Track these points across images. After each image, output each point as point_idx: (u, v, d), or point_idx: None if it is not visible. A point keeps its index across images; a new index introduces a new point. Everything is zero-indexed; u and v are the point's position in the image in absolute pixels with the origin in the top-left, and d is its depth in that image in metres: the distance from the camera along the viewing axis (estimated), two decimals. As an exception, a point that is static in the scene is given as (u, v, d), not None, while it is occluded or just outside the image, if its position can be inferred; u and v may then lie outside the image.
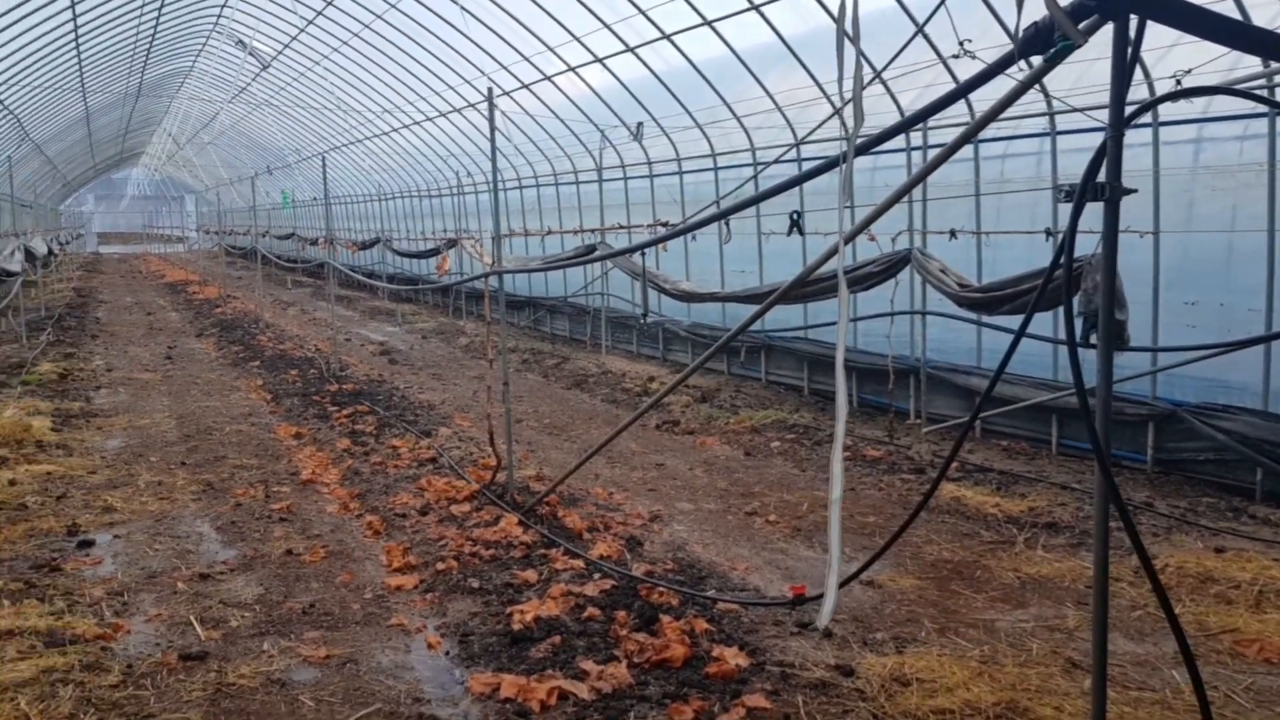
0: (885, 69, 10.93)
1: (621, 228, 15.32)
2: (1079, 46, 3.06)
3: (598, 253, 13.89)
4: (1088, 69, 8.66)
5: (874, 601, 6.37)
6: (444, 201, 24.39)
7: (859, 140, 3.67)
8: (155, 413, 12.57)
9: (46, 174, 32.66)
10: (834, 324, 12.59)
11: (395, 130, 22.36)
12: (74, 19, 16.18)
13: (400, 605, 6.34)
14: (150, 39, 19.74)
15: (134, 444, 10.90)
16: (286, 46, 19.62)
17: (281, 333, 20.21)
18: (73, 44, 17.63)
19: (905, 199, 11.75)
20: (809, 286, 10.83)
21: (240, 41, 19.04)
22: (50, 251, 27.12)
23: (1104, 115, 3.32)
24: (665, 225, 15.06)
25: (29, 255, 18.99)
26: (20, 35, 15.87)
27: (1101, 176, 3.25)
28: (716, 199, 14.40)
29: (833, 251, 4.73)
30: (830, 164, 4.38)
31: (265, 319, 21.88)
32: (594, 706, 4.90)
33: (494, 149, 7.92)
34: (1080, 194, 3.27)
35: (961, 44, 8.03)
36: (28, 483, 9.18)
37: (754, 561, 7.09)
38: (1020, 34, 3.21)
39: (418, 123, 20.98)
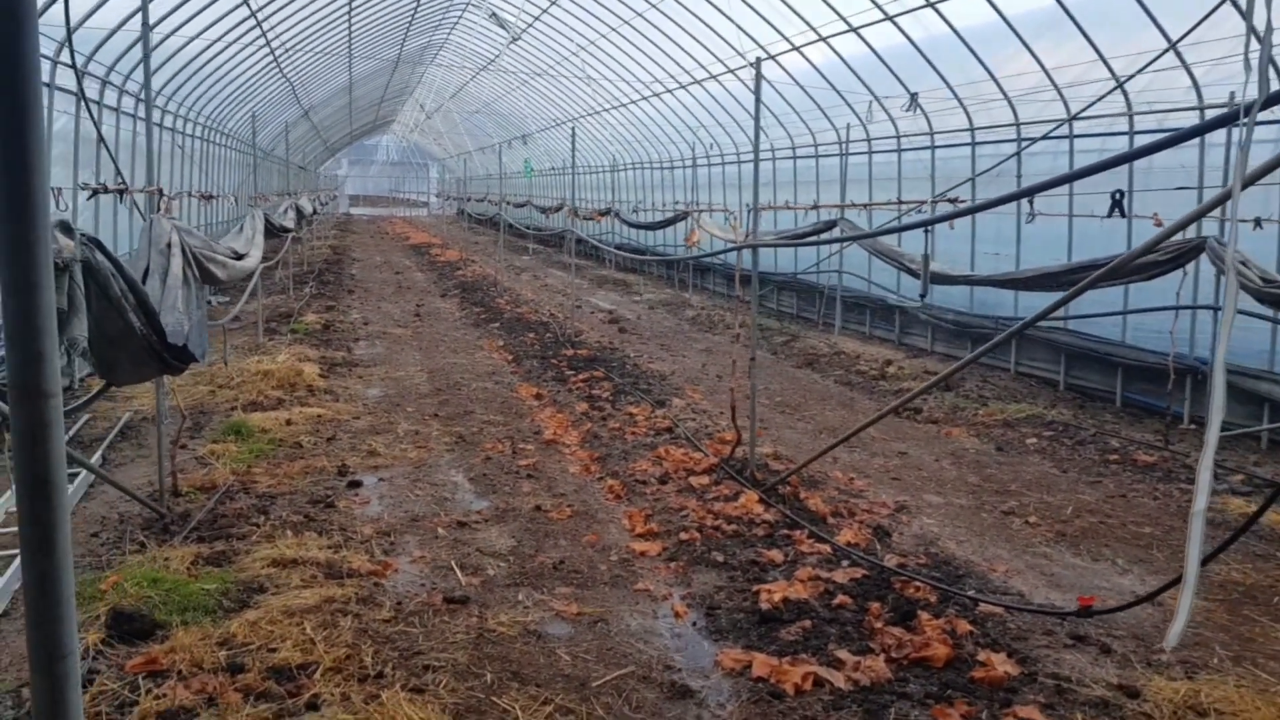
0: (1181, 40, 9.97)
1: (873, 205, 14.77)
2: None
3: (842, 229, 13.47)
4: None
5: (1155, 620, 5.80)
6: (675, 174, 24.53)
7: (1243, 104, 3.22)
8: (408, 366, 13.37)
9: (312, 138, 35.49)
10: (1100, 315, 11.63)
11: (634, 102, 22.65)
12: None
13: (645, 571, 6.37)
14: (414, 11, 20.93)
15: (391, 394, 11.62)
16: (536, 19, 20.25)
17: (518, 297, 21.04)
18: (346, 15, 18.94)
19: (1196, 184, 10.65)
20: (1080, 273, 10.06)
21: (494, 14, 19.81)
22: (314, 211, 29.50)
23: None
24: (899, 204, 14.41)
25: (298, 214, 20.68)
26: (303, 8, 17.20)
27: None
28: (972, 175, 13.62)
29: (1171, 231, 4.26)
30: (1190, 133, 3.89)
31: (502, 283, 22.87)
32: (851, 698, 4.71)
33: (758, 118, 7.75)
34: None
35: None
36: (301, 423, 9.96)
37: (1014, 564, 6.63)
38: None
39: (657, 94, 21.15)
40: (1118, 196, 8.27)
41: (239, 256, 9.68)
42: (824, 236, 13.63)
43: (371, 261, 30.87)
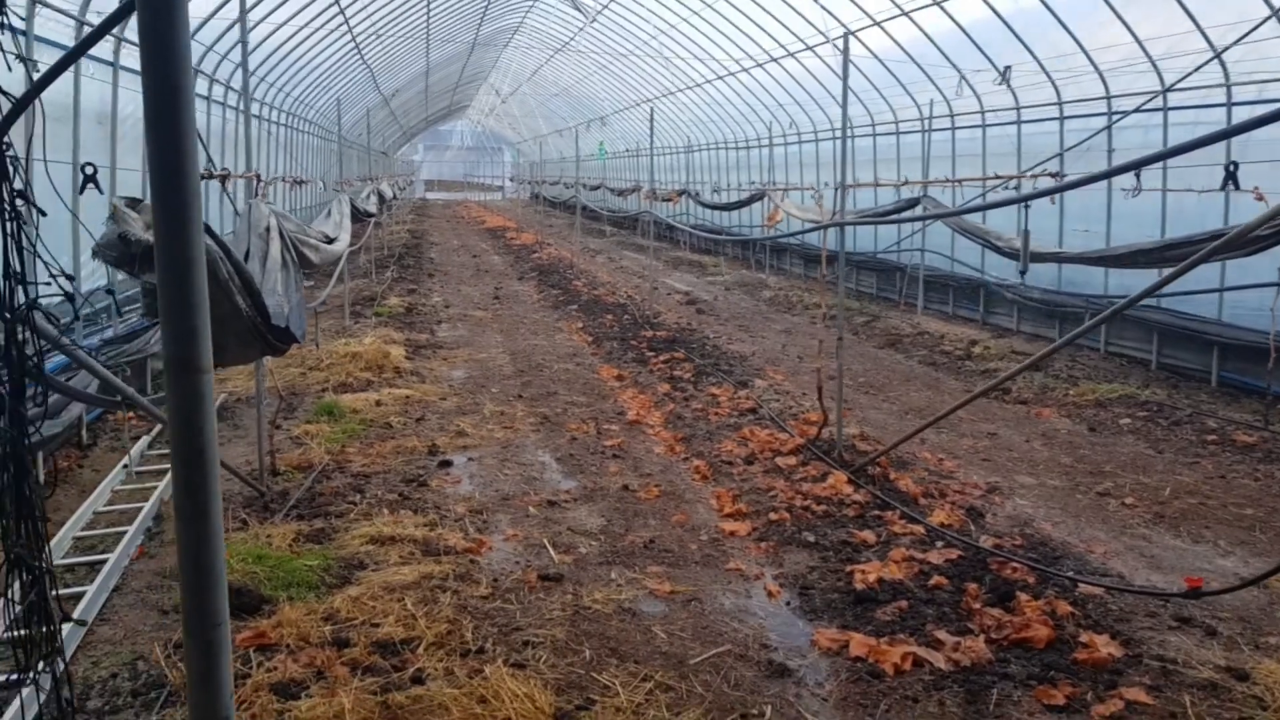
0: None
1: (962, 180, 14.47)
2: None
3: (925, 207, 13.23)
4: None
5: (1261, 603, 5.61)
6: (750, 154, 24.34)
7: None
8: (491, 348, 13.57)
9: (389, 124, 36.06)
10: (1199, 292, 11.21)
11: (710, 81, 22.51)
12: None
13: (736, 550, 6.39)
14: (490, -3, 21.12)
15: (475, 375, 11.82)
16: (612, 1, 20.25)
17: (594, 279, 21.16)
18: (425, 2, 19.16)
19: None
20: (1176, 250, 9.73)
21: (570, -2, 19.87)
22: (394, 195, 30.03)
23: None
24: (984, 180, 14.06)
25: (380, 198, 21.09)
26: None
27: None
28: (1060, 150, 13.25)
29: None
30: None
31: (578, 265, 23.00)
32: (952, 678, 4.67)
33: (845, 94, 7.65)
34: None
35: None
36: (390, 404, 10.19)
37: (1112, 546, 6.48)
38: None
39: (732, 74, 20.98)
40: (1231, 169, 7.97)
41: (330, 240, 9.94)
42: (912, 214, 13.38)
43: (449, 245, 31.32)
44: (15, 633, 2.50)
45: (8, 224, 2.26)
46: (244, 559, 6.03)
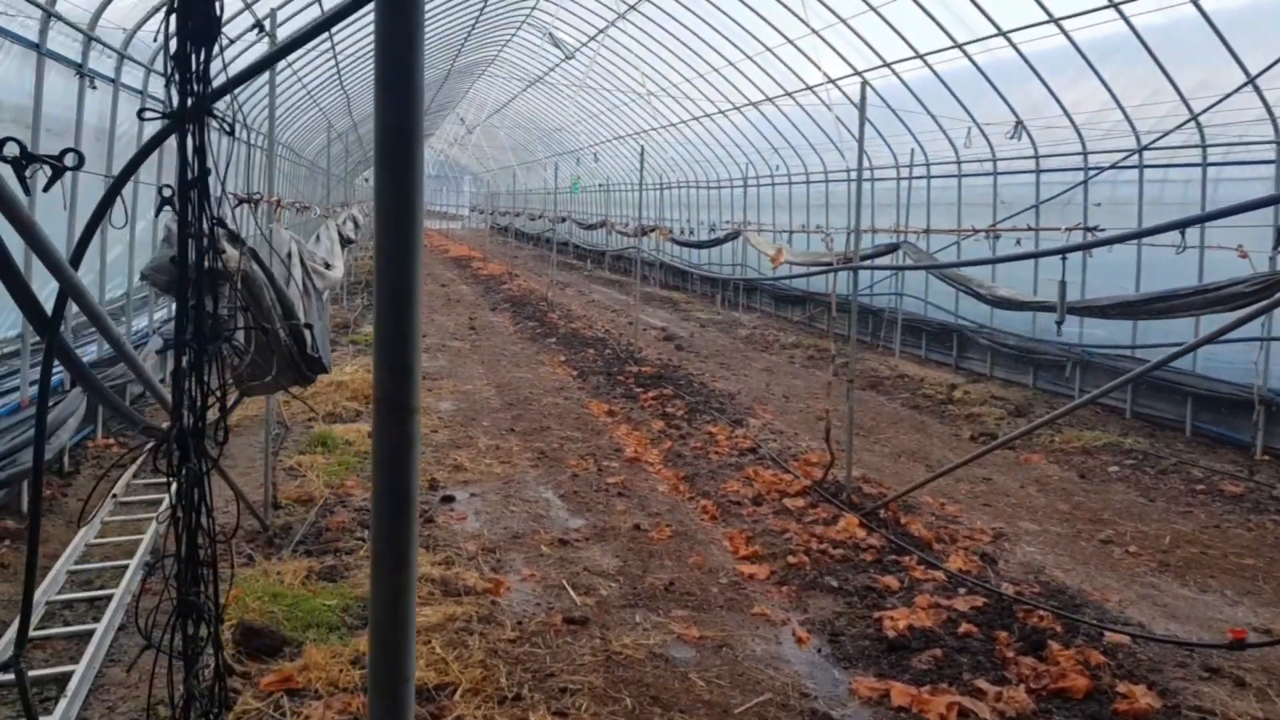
0: (1262, 74, 9.92)
1: (947, 231, 14.77)
2: None
3: (904, 252, 13.44)
4: None
5: (1279, 654, 5.73)
6: (722, 194, 24.59)
7: None
8: (475, 380, 13.43)
9: (355, 149, 35.78)
10: (1170, 345, 11.50)
11: (684, 122, 22.75)
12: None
13: (758, 594, 6.36)
14: (470, 29, 21.13)
15: (464, 408, 11.67)
16: (591, 40, 20.41)
17: (568, 312, 21.11)
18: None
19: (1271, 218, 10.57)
20: (1161, 303, 10.00)
21: (550, 34, 19.97)
22: (363, 221, 29.72)
23: None
24: (958, 230, 14.38)
25: (355, 224, 20.87)
26: (365, 22, 17.35)
27: None
28: (1037, 202, 13.59)
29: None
30: None
31: (550, 298, 22.94)
32: (998, 729, 4.68)
33: (861, 134, 7.79)
34: None
35: None
36: (381, 435, 10.00)
37: (1125, 594, 6.58)
38: None
39: (708, 115, 21.23)
40: None
41: (328, 267, 9.79)
42: (901, 261, 13.59)
43: (412, 274, 30.96)
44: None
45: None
46: (260, 597, 5.86)
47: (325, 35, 15.65)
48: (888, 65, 15.11)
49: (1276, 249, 8.62)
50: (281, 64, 15.72)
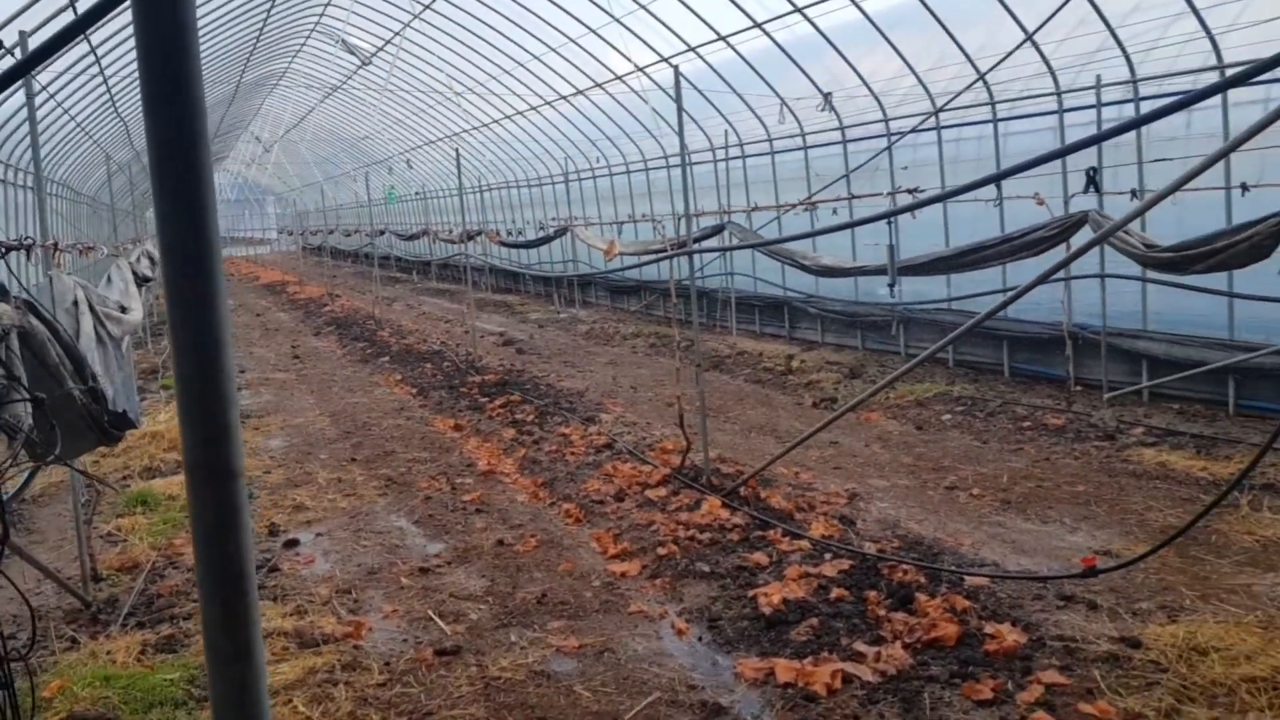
0: (1039, 30, 10.57)
1: (762, 208, 15.06)
2: None
3: (730, 232, 13.66)
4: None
5: (1122, 571, 6.09)
6: (544, 190, 24.37)
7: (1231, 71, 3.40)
8: (305, 411, 12.74)
9: (142, 180, 33.47)
10: (983, 294, 12.18)
11: (498, 121, 22.37)
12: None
13: (632, 592, 6.25)
14: (254, 42, 20.01)
15: (297, 442, 11.04)
16: (387, 43, 19.73)
17: (399, 327, 20.41)
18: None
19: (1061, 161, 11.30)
20: (972, 254, 10.53)
21: (343, 41, 19.18)
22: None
23: None
24: (778, 206, 14.76)
25: (151, 261, 19.44)
26: (131, 41, 16.13)
27: None
28: (846, 172, 14.07)
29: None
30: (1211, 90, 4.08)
31: (378, 315, 22.14)
32: (883, 689, 4.75)
33: (681, 123, 7.75)
34: None
35: None
36: (211, 483, 9.31)
37: (976, 536, 6.86)
38: None
39: (520, 112, 20.96)
40: (1091, 173, 8.72)
41: (124, 310, 9.00)
42: (727, 242, 13.78)
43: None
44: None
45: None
46: (89, 683, 5.29)
47: (94, 63, 14.44)
48: (693, 50, 15.28)
49: (1086, 192, 9.14)
50: (44, 96, 14.41)
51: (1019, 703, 4.56)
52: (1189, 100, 4.40)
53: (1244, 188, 9.06)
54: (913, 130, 13.15)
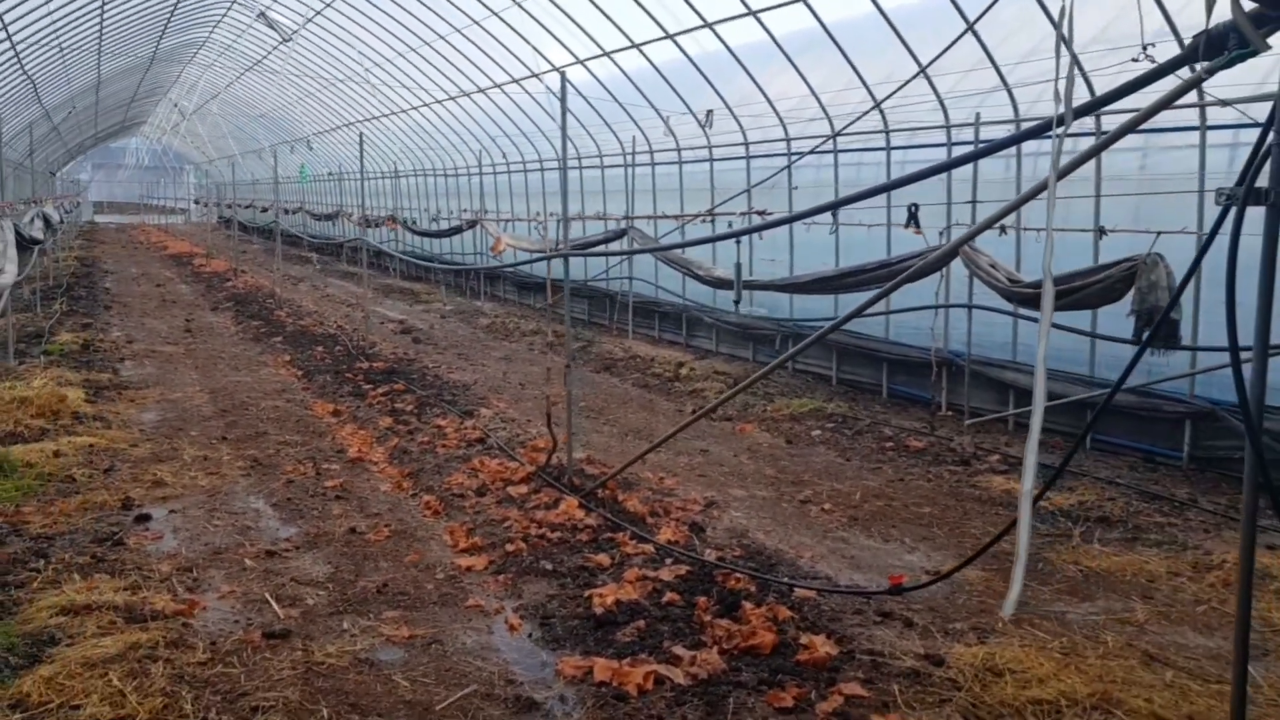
0: (930, 64, 10.99)
1: (664, 216, 15.27)
2: (1260, 53, 3.08)
3: (631, 237, 13.84)
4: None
5: (945, 591, 6.40)
6: (460, 181, 24.27)
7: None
8: (186, 386, 12.51)
9: (52, 140, 32.31)
10: (875, 315, 12.57)
11: (417, 108, 22.22)
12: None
13: (474, 586, 6.34)
14: (172, 8, 19.54)
15: (170, 418, 10.85)
16: (309, 21, 19.45)
17: (299, 308, 20.11)
18: (98, 10, 17.39)
19: (946, 194, 11.76)
20: (852, 277, 10.89)
21: (262, 14, 18.85)
22: (60, 220, 26.90)
23: (1258, 112, 3.34)
24: (681, 217, 15.02)
25: (45, 223, 18.82)
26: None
27: (1263, 181, 3.28)
28: (748, 187, 14.38)
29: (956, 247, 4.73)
30: (1008, 141, 4.37)
31: (280, 294, 21.76)
32: (691, 691, 4.92)
33: (564, 127, 7.88)
34: (1244, 199, 3.30)
35: (1145, 48, 7.56)
36: (72, 454, 9.13)
37: (818, 550, 7.12)
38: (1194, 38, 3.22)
39: (439, 101, 20.86)
40: (913, 210, 9.06)
41: (-9, 274, 8.77)
42: (628, 247, 13.95)
43: (127, 274, 28.48)
44: None
45: None
46: (-102, 648, 5.17)
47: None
48: (607, 54, 15.44)
49: (907, 227, 9.54)
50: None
51: (818, 712, 4.78)
52: (988, 150, 4.69)
53: (1102, 231, 9.55)
54: (811, 151, 13.53)
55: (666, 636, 5.50)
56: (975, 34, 10.19)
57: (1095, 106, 4.08)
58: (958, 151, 11.90)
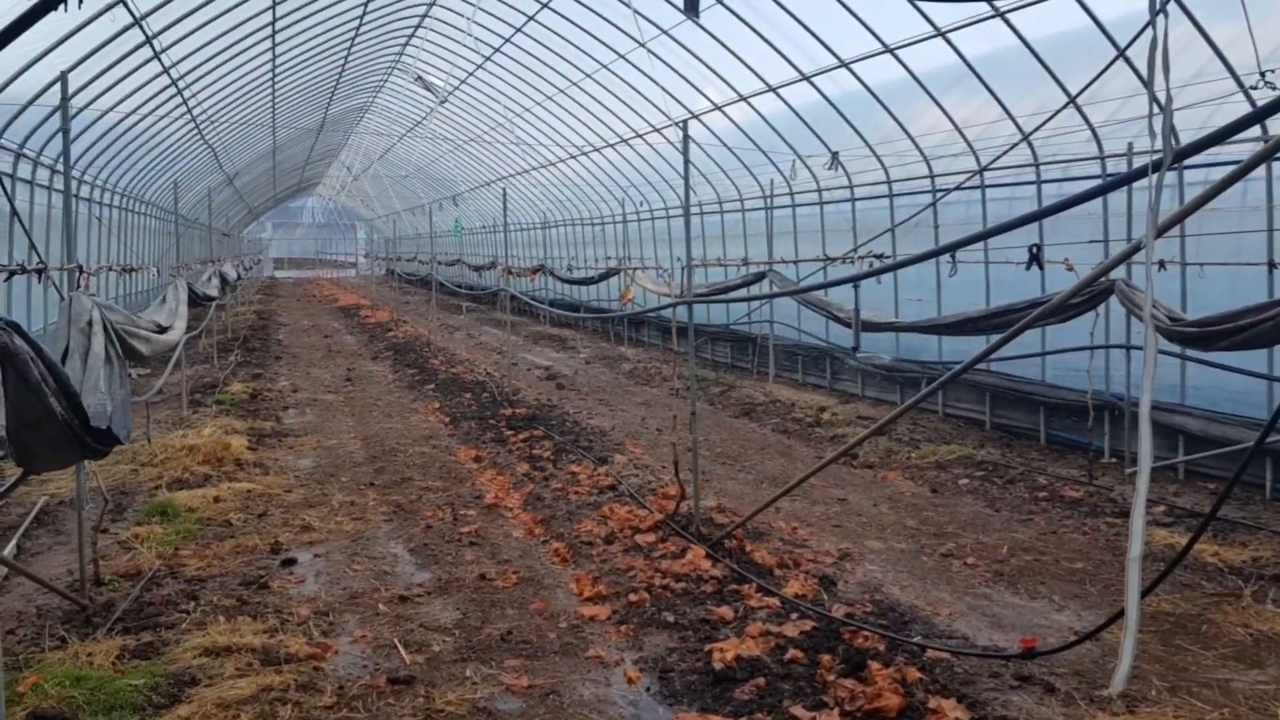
0: (1080, 94, 10.43)
1: (800, 260, 15.08)
2: None
3: (771, 280, 13.69)
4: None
5: (1094, 655, 5.90)
6: (605, 230, 24.75)
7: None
8: (341, 433, 13.12)
9: (234, 203, 35.03)
10: (1024, 356, 11.95)
11: (563, 160, 22.88)
12: (273, 60, 17.31)
13: (596, 636, 6.29)
14: (337, 77, 20.94)
15: (324, 464, 11.38)
16: (463, 82, 20.40)
17: (452, 356, 20.87)
18: (269, 84, 18.84)
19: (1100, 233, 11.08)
20: (1000, 317, 10.35)
21: (419, 78, 19.90)
22: (238, 276, 29.03)
23: None
24: (825, 260, 14.74)
25: (222, 280, 20.31)
26: (224, 77, 17.08)
27: None
28: (892, 226, 13.99)
29: (1096, 276, 4.41)
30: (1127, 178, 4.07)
31: (435, 343, 22.67)
32: (808, 757, 4.69)
33: (687, 175, 7.88)
34: None
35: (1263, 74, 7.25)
36: (230, 500, 9.67)
37: (957, 607, 6.71)
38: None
39: (585, 153, 21.39)
40: (1034, 250, 8.62)
41: (162, 329, 9.44)
42: (754, 291, 13.82)
43: (299, 326, 30.38)
44: None
45: None
46: (60, 682, 5.54)
47: (176, 94, 15.28)
48: (745, 100, 15.46)
49: (1029, 268, 8.99)
50: (129, 122, 15.30)
51: (945, 782, 4.46)
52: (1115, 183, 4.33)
53: (1273, 265, 8.76)
54: (957, 188, 13.05)
55: (786, 695, 5.28)
56: (1128, 60, 9.61)
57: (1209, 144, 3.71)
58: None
